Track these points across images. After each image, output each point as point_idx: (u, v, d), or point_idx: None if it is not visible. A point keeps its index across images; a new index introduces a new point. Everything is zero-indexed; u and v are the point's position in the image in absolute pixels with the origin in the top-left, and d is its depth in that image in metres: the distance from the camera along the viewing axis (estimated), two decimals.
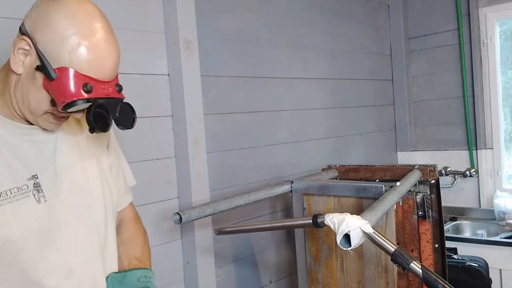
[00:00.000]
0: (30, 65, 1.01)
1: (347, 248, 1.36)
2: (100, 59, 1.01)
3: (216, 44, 2.31)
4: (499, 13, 3.11)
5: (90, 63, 0.99)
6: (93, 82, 0.99)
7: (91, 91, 0.99)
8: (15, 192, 1.04)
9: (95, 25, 1.02)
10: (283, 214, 2.59)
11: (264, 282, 2.53)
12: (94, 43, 1.00)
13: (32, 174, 1.08)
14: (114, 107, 1.03)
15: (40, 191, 1.08)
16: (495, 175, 3.19)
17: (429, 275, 1.22)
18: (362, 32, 3.24)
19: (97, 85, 1.00)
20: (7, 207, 1.02)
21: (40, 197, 1.08)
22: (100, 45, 1.01)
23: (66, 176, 1.14)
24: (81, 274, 1.14)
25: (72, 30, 0.98)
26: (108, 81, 1.03)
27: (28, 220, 1.06)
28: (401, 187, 1.84)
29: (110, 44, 1.04)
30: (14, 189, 1.04)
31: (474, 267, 2.53)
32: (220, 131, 2.32)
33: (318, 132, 2.88)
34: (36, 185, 1.08)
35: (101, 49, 1.01)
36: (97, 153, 1.24)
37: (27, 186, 1.06)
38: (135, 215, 1.44)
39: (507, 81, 3.22)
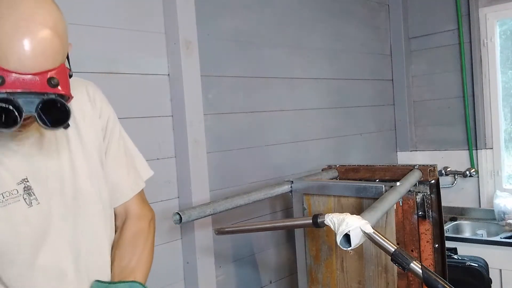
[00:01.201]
0: None
1: (347, 248, 1.36)
2: (14, 44, 0.84)
3: (216, 44, 2.31)
4: (499, 13, 3.11)
5: (1, 50, 0.84)
6: (4, 73, 0.84)
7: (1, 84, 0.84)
8: (7, 196, 1.01)
9: (21, 10, 0.86)
10: (283, 214, 2.59)
11: (264, 282, 2.53)
12: (9, 22, 0.84)
13: (21, 178, 1.04)
14: (30, 102, 0.87)
15: (32, 194, 1.04)
16: (495, 175, 3.19)
17: (429, 275, 1.22)
18: (362, 32, 3.24)
19: (11, 77, 0.85)
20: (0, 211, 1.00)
21: (32, 200, 1.04)
22: (18, 25, 0.85)
23: (57, 177, 1.09)
24: (74, 278, 1.10)
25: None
26: (32, 73, 0.86)
27: (20, 224, 1.03)
28: (401, 187, 1.84)
29: (33, 23, 0.86)
30: (6, 193, 1.01)
31: (474, 267, 2.53)
32: (220, 131, 2.32)
33: (318, 132, 2.88)
34: (27, 188, 1.04)
35: (17, 30, 0.85)
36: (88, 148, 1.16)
37: (17, 190, 1.03)
38: (142, 211, 1.29)
39: (507, 81, 3.22)
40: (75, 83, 1.11)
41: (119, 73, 1.92)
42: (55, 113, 0.91)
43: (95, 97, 1.21)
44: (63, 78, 0.92)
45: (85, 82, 1.23)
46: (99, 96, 1.23)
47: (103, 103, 1.22)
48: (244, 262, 2.43)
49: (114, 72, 1.90)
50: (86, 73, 1.81)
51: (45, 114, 0.90)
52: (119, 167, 1.24)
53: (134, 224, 1.26)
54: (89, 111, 1.18)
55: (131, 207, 1.27)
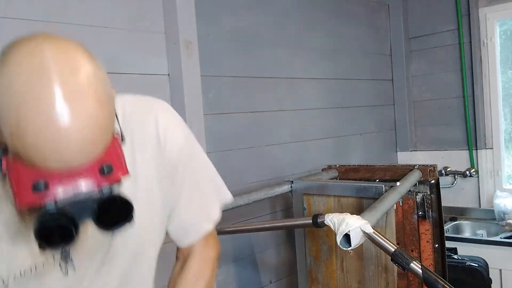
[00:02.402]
0: None
1: (347, 248, 1.36)
2: (52, 143, 0.65)
3: (216, 44, 2.31)
4: (499, 13, 3.11)
5: (37, 149, 0.65)
6: (46, 175, 0.68)
7: (45, 189, 0.68)
8: (40, 267, 0.87)
9: (46, 89, 0.65)
10: (283, 214, 2.59)
11: (264, 282, 2.53)
12: (41, 119, 0.65)
13: None
14: (84, 207, 0.70)
15: (69, 260, 0.89)
16: (495, 175, 3.19)
17: (429, 275, 1.23)
18: (362, 32, 3.24)
19: (55, 179, 0.68)
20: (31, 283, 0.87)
21: (68, 268, 0.90)
22: (52, 121, 0.65)
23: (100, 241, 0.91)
24: None
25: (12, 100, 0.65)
26: (79, 166, 0.69)
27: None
28: (401, 187, 1.84)
29: (71, 116, 0.66)
30: (39, 264, 0.87)
31: (474, 267, 2.53)
32: (220, 131, 2.31)
33: (318, 132, 2.88)
34: (65, 254, 0.88)
35: (52, 127, 0.65)
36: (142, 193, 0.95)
37: (53, 256, 0.88)
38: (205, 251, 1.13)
39: (507, 81, 3.22)
40: (141, 107, 0.97)
41: (119, 73, 1.92)
42: (115, 210, 0.74)
43: (166, 134, 0.97)
44: (115, 156, 0.74)
45: (154, 106, 0.99)
46: (172, 129, 0.99)
47: (175, 140, 0.99)
48: (244, 262, 2.43)
49: (114, 72, 1.90)
50: None
51: (103, 215, 0.72)
52: (187, 210, 1.06)
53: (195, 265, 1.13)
54: (155, 153, 0.96)
55: (195, 246, 1.12)
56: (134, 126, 0.94)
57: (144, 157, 0.95)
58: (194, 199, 1.07)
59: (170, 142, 0.98)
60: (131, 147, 0.93)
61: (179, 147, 1.00)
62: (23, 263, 0.85)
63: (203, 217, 1.10)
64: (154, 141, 0.96)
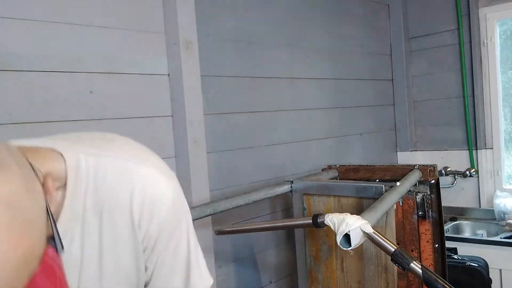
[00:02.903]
0: None
1: (347, 248, 1.36)
2: None
3: (216, 44, 2.31)
4: (499, 13, 3.11)
5: None
6: None
7: None
8: None
9: None
10: (283, 214, 2.59)
11: (264, 282, 2.53)
12: None
13: None
14: None
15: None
16: (495, 175, 3.19)
17: (429, 275, 1.23)
18: (362, 32, 3.24)
19: None
20: None
21: None
22: None
23: None
24: None
25: None
26: None
27: None
28: (401, 187, 1.84)
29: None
30: None
31: (474, 267, 2.53)
32: (220, 131, 2.32)
33: (318, 132, 2.88)
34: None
35: None
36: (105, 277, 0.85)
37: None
38: None
39: (507, 81, 3.22)
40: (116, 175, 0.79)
41: (119, 73, 1.92)
42: None
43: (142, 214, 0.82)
44: None
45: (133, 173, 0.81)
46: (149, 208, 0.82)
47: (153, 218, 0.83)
48: (244, 262, 2.43)
49: (114, 72, 1.90)
50: (87, 73, 1.81)
51: None
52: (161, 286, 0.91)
53: None
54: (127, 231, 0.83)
55: None
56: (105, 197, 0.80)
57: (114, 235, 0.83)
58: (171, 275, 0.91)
59: (147, 221, 0.83)
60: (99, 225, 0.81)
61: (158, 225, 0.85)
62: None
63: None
64: (126, 218, 0.82)
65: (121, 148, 0.84)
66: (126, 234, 0.83)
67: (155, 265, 0.89)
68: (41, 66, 1.68)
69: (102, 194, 0.79)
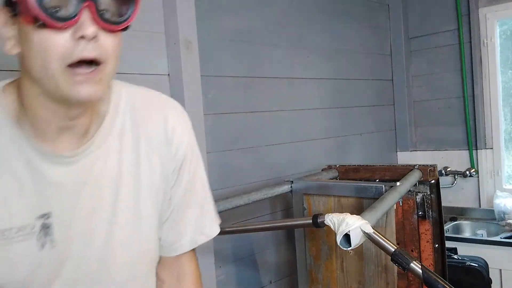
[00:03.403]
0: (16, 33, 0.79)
1: (347, 248, 1.36)
2: None
3: (216, 44, 2.31)
4: (499, 13, 3.11)
5: None
6: None
7: None
8: (14, 233, 0.82)
9: None
10: (283, 214, 2.59)
11: (264, 282, 2.53)
12: None
13: (43, 212, 0.84)
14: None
15: (49, 234, 0.85)
16: (495, 175, 3.19)
17: (429, 275, 1.23)
18: (362, 32, 3.24)
19: None
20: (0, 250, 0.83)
21: (46, 242, 0.85)
22: None
23: (88, 219, 0.89)
24: None
25: None
26: None
27: (23, 267, 0.84)
28: (401, 187, 1.84)
29: None
30: (14, 229, 0.82)
31: (474, 267, 2.53)
32: (220, 131, 2.32)
33: (318, 132, 2.88)
34: (45, 226, 0.84)
35: None
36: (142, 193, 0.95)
37: (34, 226, 0.84)
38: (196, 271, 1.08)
39: (507, 81, 3.22)
40: (152, 102, 0.99)
41: (119, 73, 1.91)
42: None
43: (173, 133, 0.98)
44: None
45: (166, 104, 1.02)
46: (180, 129, 0.99)
47: (182, 140, 0.99)
48: (244, 262, 2.43)
49: None
50: None
51: None
52: (181, 217, 1.03)
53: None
54: (161, 148, 0.97)
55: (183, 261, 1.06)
56: (143, 118, 0.95)
57: (150, 150, 0.95)
58: (192, 207, 1.03)
59: (177, 142, 0.98)
60: (137, 138, 0.94)
61: (185, 148, 0.99)
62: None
63: (198, 228, 1.05)
64: (161, 137, 0.96)
65: None
66: (160, 151, 0.96)
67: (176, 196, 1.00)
68: None
69: (139, 114, 0.95)
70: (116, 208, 0.91)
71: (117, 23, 0.80)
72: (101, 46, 0.77)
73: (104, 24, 0.77)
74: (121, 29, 0.81)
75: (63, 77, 0.75)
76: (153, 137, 0.95)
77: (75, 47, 0.75)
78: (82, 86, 0.77)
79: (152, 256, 1.01)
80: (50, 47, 0.74)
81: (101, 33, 0.77)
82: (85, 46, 0.75)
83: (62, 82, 0.76)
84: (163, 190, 0.98)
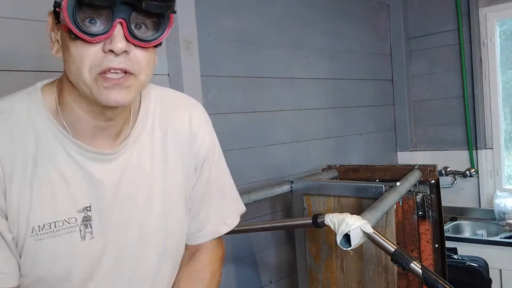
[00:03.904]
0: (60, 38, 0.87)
1: (347, 248, 1.36)
2: None
3: (216, 44, 2.31)
4: (499, 13, 3.11)
5: None
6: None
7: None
8: (60, 226, 0.88)
9: None
10: (283, 214, 2.59)
11: (264, 282, 2.53)
12: None
13: (84, 206, 0.90)
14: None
15: (89, 226, 0.91)
16: (495, 175, 3.19)
17: (429, 275, 1.23)
18: (362, 32, 3.24)
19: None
20: (46, 242, 0.87)
21: (86, 233, 0.91)
22: None
23: (123, 211, 0.95)
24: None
25: None
26: None
27: (65, 258, 0.89)
28: (401, 187, 1.84)
29: None
30: (59, 222, 0.88)
31: (474, 267, 2.53)
32: (220, 131, 2.30)
33: (318, 132, 2.88)
34: (86, 219, 0.90)
35: None
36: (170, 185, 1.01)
37: (76, 219, 0.89)
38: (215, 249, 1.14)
39: (507, 81, 3.22)
40: (178, 101, 1.08)
41: None
42: None
43: (197, 131, 1.06)
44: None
45: (190, 103, 1.11)
46: (203, 127, 1.09)
47: (205, 137, 1.08)
48: (244, 262, 2.43)
49: None
50: None
51: None
52: (204, 208, 1.10)
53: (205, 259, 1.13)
54: (185, 145, 1.04)
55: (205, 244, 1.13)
56: (170, 117, 1.03)
57: (175, 146, 1.02)
58: (214, 199, 1.11)
59: (200, 138, 1.07)
60: (165, 134, 1.01)
61: (207, 145, 1.08)
62: (43, 218, 0.87)
63: (220, 219, 1.13)
64: (185, 134, 1.04)
65: None
66: (184, 147, 1.04)
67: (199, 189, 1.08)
68: (42, 66, 1.68)
69: (167, 112, 1.03)
70: (150, 201, 0.98)
71: (148, 40, 0.85)
72: (131, 60, 0.83)
73: (134, 41, 0.82)
74: (153, 45, 0.87)
75: (94, 84, 0.82)
76: (179, 135, 1.03)
77: (104, 58, 0.81)
78: (111, 92, 0.83)
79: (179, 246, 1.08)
80: (82, 57, 0.81)
81: (133, 47, 0.83)
82: (113, 59, 0.81)
83: (93, 88, 0.83)
84: (186, 184, 1.05)
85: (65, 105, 0.90)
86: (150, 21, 0.85)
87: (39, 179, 0.87)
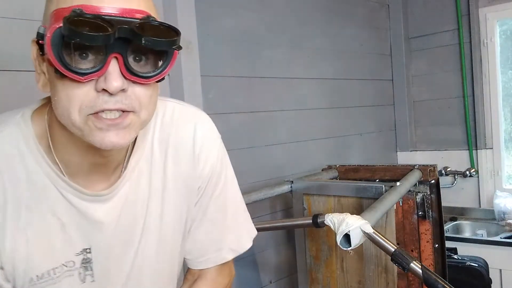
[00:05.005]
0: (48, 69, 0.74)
1: (347, 248, 1.36)
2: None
3: (216, 44, 2.31)
4: (499, 13, 3.11)
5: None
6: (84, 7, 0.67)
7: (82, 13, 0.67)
8: (59, 272, 0.83)
9: None
10: (283, 214, 2.59)
11: (264, 282, 2.53)
12: None
13: (83, 248, 0.85)
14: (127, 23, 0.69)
15: (89, 269, 0.85)
16: (495, 175, 3.19)
17: (429, 275, 1.23)
18: (362, 32, 3.24)
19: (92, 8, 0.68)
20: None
21: (86, 276, 0.85)
22: None
23: (122, 243, 0.89)
24: None
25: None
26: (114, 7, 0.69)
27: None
28: (401, 187, 1.84)
29: None
30: (58, 268, 0.83)
31: (474, 267, 2.53)
32: (220, 131, 2.30)
33: (318, 132, 2.88)
34: (86, 261, 0.85)
35: None
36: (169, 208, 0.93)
37: (74, 262, 0.84)
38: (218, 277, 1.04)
39: (507, 81, 3.22)
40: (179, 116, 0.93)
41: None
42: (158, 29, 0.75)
43: (201, 148, 0.94)
44: None
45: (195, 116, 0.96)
46: (208, 144, 0.96)
47: (210, 155, 0.96)
48: (244, 262, 2.43)
49: None
50: None
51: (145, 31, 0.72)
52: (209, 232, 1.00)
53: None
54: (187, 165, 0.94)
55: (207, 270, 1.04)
56: (171, 134, 0.91)
57: (176, 169, 0.92)
58: (218, 222, 1.00)
59: (205, 155, 0.95)
60: (165, 156, 0.91)
61: (212, 164, 0.97)
62: (41, 267, 0.82)
63: (224, 245, 1.01)
64: (188, 153, 0.93)
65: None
66: (186, 168, 0.93)
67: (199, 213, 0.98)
68: None
69: (167, 129, 0.91)
70: (145, 231, 0.91)
71: (149, 76, 0.72)
72: (130, 98, 0.71)
73: (133, 77, 0.70)
74: (153, 81, 0.74)
75: (84, 125, 0.71)
76: (180, 154, 0.92)
77: (97, 99, 0.69)
78: (106, 134, 0.71)
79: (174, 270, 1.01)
80: (70, 98, 0.69)
81: (131, 83, 0.71)
82: (107, 99, 0.69)
83: (84, 130, 0.71)
84: (186, 207, 0.96)
85: (56, 140, 0.80)
86: (149, 56, 0.74)
87: (34, 226, 0.80)
